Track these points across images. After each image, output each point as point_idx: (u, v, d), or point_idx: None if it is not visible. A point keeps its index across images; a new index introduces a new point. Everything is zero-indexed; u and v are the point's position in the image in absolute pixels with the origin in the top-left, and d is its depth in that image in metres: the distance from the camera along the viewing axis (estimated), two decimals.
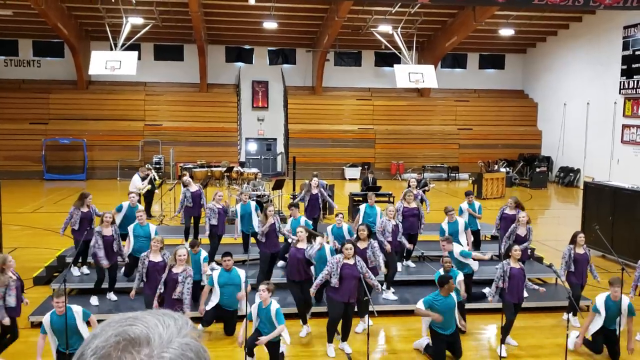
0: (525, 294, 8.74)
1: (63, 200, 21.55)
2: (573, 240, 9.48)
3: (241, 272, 8.81)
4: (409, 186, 13.62)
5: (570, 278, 9.38)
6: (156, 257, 8.67)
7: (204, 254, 9.92)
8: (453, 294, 7.94)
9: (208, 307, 8.78)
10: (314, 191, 13.46)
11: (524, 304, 10.29)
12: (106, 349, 0.98)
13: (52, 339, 7.08)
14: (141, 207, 12.06)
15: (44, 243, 14.31)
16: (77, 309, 7.15)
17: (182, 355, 0.98)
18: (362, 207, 12.01)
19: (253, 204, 12.16)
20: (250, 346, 7.53)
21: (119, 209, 11.47)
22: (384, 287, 9.80)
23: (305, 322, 9.05)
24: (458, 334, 8.04)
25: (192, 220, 12.53)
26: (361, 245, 8.89)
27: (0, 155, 27.04)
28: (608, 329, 8.12)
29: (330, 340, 8.34)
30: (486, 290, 10.33)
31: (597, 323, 8.09)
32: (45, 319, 7.11)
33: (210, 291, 8.86)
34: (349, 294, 8.04)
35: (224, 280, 8.72)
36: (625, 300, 8.11)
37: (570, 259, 9.37)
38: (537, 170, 27.35)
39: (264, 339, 7.42)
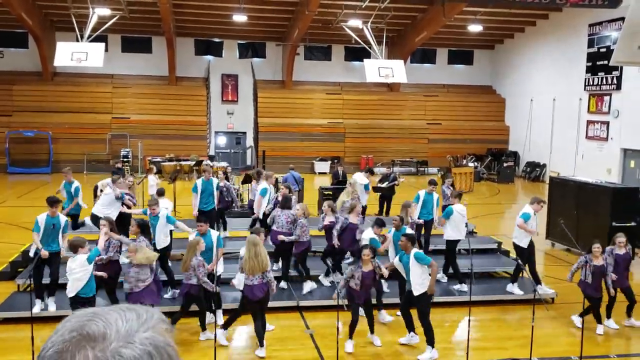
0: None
1: (27, 194, 21.09)
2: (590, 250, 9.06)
3: (214, 235, 9.05)
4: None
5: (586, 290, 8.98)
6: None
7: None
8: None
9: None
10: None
11: (492, 297, 10.47)
12: (62, 344, 0.97)
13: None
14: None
15: (8, 238, 13.99)
16: None
17: (141, 350, 0.96)
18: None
19: (215, 181, 12.21)
20: None
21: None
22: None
23: None
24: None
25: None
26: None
27: None
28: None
29: None
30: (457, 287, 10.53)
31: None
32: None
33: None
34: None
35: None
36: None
37: (588, 268, 8.97)
38: (505, 165, 27.76)
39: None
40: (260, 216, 11.96)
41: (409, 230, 9.38)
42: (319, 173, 28.35)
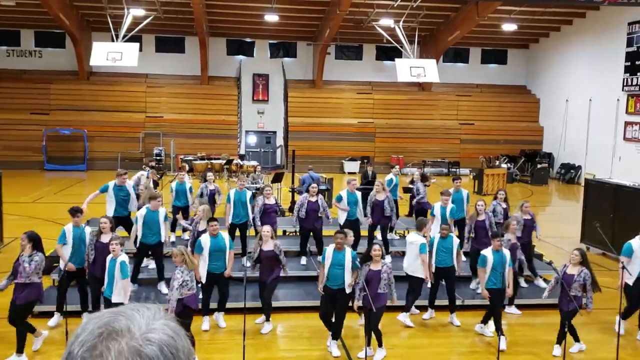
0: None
1: (63, 190, 21.54)
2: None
3: (225, 236, 9.06)
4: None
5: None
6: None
7: (162, 212, 9.99)
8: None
9: (202, 275, 8.82)
10: (380, 197, 11.76)
11: (523, 301, 10.28)
12: (91, 341, 1.07)
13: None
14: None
15: (44, 233, 14.14)
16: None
17: (164, 333, 1.10)
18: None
19: (249, 193, 12.00)
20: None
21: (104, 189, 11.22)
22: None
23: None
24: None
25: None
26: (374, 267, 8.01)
27: (1, 145, 27.01)
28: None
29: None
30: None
31: None
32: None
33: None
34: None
35: (213, 246, 8.79)
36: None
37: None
38: (538, 166, 27.30)
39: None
40: (341, 222, 11.55)
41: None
42: (349, 173, 28.27)
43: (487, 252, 8.64)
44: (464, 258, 10.53)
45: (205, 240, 8.82)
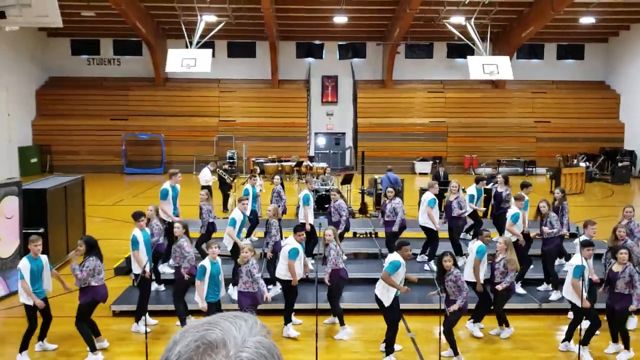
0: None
1: (142, 193, 22.37)
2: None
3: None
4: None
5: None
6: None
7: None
8: None
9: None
10: (451, 197, 11.69)
11: (602, 305, 9.84)
12: (188, 353, 1.08)
13: None
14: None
15: (124, 235, 14.83)
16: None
17: (257, 353, 1.07)
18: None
19: (303, 193, 11.86)
20: None
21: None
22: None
23: None
24: None
25: None
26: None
27: (83, 150, 28.41)
28: None
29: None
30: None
31: None
32: None
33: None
34: None
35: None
36: None
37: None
38: (620, 164, 26.07)
39: None
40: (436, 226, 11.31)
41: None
42: (420, 174, 27.94)
43: (581, 261, 8.00)
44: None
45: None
